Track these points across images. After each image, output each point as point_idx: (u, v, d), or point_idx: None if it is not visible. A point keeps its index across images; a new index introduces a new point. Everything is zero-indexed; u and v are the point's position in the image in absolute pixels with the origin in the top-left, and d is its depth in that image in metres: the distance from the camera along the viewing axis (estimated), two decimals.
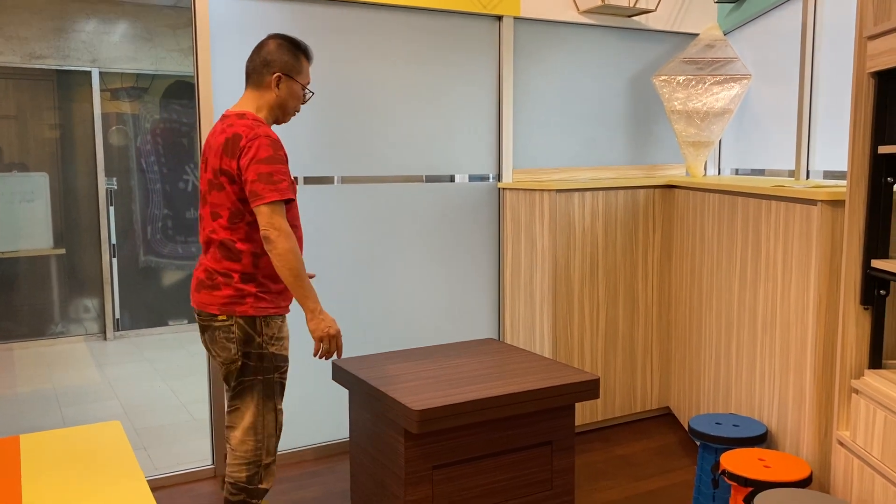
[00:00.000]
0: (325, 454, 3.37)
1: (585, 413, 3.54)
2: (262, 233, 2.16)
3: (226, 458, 2.40)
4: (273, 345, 2.31)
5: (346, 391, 3.40)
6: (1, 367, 5.00)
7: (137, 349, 5.49)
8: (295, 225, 2.33)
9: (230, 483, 2.33)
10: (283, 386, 2.36)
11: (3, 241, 5.44)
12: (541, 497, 2.69)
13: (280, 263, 2.16)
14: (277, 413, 2.35)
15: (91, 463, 2.02)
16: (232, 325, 2.25)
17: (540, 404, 2.54)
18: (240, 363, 2.28)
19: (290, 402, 3.29)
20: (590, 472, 3.17)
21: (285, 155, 2.24)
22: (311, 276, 2.52)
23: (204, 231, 2.32)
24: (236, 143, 2.19)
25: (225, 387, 2.43)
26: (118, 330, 5.83)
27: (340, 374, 2.76)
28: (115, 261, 5.78)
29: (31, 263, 5.56)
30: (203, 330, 2.33)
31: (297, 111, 2.40)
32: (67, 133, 5.60)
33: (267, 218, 2.15)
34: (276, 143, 2.21)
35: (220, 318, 2.25)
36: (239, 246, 2.24)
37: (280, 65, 2.29)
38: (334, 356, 2.36)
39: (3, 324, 5.49)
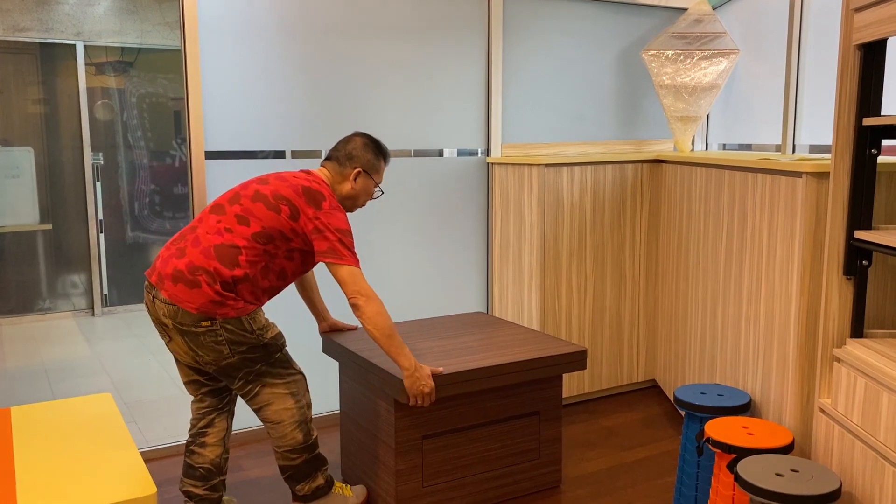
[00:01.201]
0: (315, 425, 3.39)
1: (572, 385, 3.59)
2: (349, 300, 2.25)
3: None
4: (268, 332, 2.32)
5: (336, 364, 3.42)
6: None
7: (126, 325, 5.49)
8: (301, 272, 2.40)
9: (287, 450, 2.39)
10: (287, 353, 2.42)
11: None
12: (528, 466, 2.73)
13: (370, 327, 2.25)
14: (300, 370, 2.42)
15: (83, 434, 2.04)
16: (218, 328, 2.22)
17: (528, 375, 2.57)
18: (236, 359, 2.27)
19: None
20: (576, 442, 3.21)
21: None
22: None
23: (208, 222, 2.27)
24: (319, 199, 2.30)
25: (199, 375, 2.42)
26: (106, 306, 5.82)
27: (331, 347, 2.78)
28: (102, 236, 5.76)
29: (18, 239, 5.52)
30: (182, 334, 2.23)
31: (364, 206, 2.56)
32: (52, 107, 5.55)
33: (352, 286, 2.25)
34: (349, 222, 2.42)
35: (204, 323, 2.20)
36: (242, 259, 2.23)
37: (363, 162, 2.45)
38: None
39: None
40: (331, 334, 2.79)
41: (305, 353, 3.35)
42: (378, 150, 2.50)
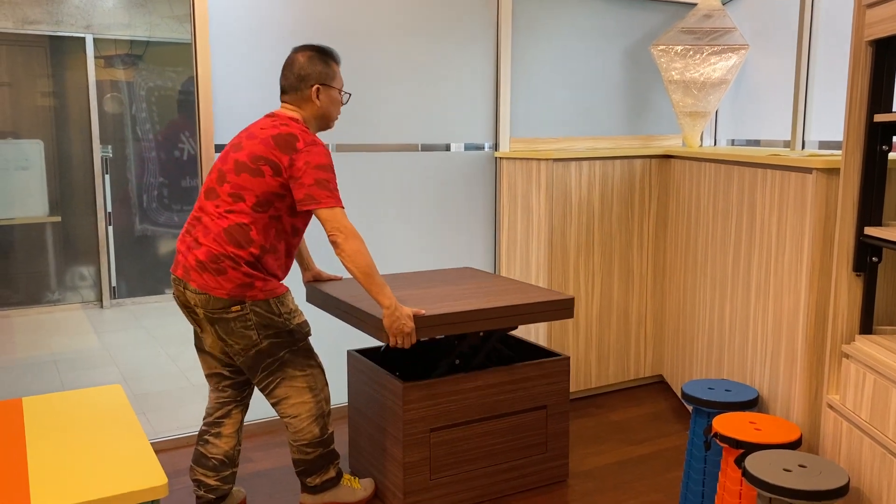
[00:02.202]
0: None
1: (580, 380, 3.59)
2: (329, 237, 2.21)
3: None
4: (295, 318, 2.34)
5: (345, 357, 3.43)
6: None
7: (134, 317, 5.52)
8: (299, 230, 2.37)
9: (303, 444, 2.40)
10: (310, 344, 2.42)
11: None
12: (536, 460, 2.74)
13: (350, 265, 2.21)
14: (320, 364, 2.42)
15: (94, 424, 2.05)
16: (247, 312, 2.25)
17: (513, 321, 2.52)
18: (264, 344, 2.29)
19: None
20: (584, 436, 3.22)
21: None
22: (338, 279, 2.61)
23: (207, 209, 2.27)
24: (291, 142, 2.24)
25: (225, 368, 2.43)
26: (114, 298, 5.85)
27: (314, 295, 2.75)
28: (110, 229, 5.78)
29: (27, 231, 5.55)
30: (212, 322, 2.26)
31: (339, 114, 2.47)
32: (61, 100, 5.56)
33: (331, 222, 2.20)
34: (329, 154, 2.30)
35: (234, 308, 2.23)
36: (253, 234, 2.23)
37: (317, 76, 2.36)
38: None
39: None
40: (314, 283, 2.79)
41: (315, 346, 3.36)
42: (324, 57, 2.39)
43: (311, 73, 2.36)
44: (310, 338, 2.44)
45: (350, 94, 2.56)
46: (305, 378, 2.38)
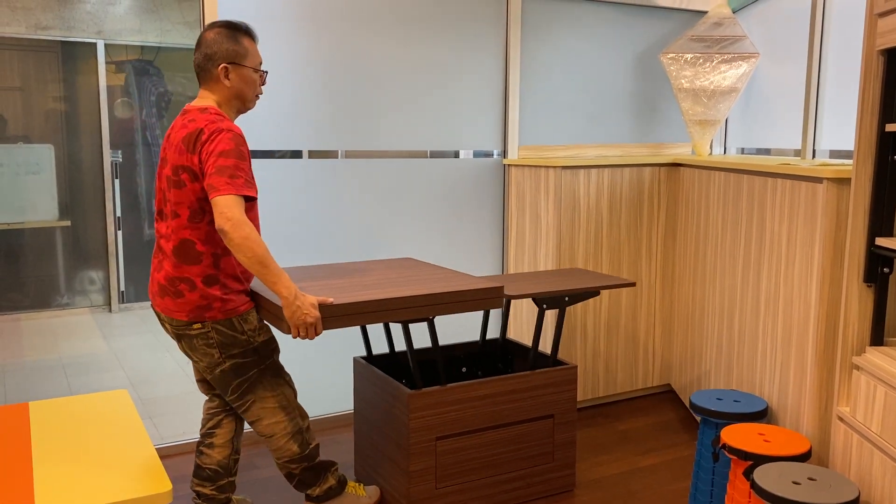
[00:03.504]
0: (329, 425, 3.41)
1: (587, 389, 3.57)
2: (216, 226, 2.05)
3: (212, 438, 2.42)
4: (260, 335, 2.27)
5: (351, 363, 3.42)
6: (7, 338, 5.04)
7: (142, 322, 5.53)
8: (256, 227, 2.24)
9: (286, 461, 2.37)
10: (279, 360, 2.35)
11: (8, 213, 5.46)
12: (543, 469, 2.72)
13: (240, 255, 2.05)
14: (290, 382, 2.37)
15: (100, 429, 2.05)
16: (209, 331, 2.19)
17: (432, 310, 2.34)
18: (227, 364, 2.23)
19: (296, 373, 3.32)
20: (591, 446, 3.20)
21: (248, 151, 2.15)
22: None
23: (160, 230, 2.24)
24: (197, 138, 2.11)
25: (217, 391, 2.40)
26: (123, 302, 5.86)
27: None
28: (120, 233, 5.80)
29: (37, 235, 5.58)
30: (178, 339, 2.25)
31: (260, 94, 2.31)
32: (72, 105, 5.59)
33: (219, 208, 2.04)
34: (239, 138, 2.12)
35: (195, 325, 2.18)
36: (199, 247, 2.16)
37: (223, 55, 2.20)
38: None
39: (9, 295, 5.52)
40: None
41: (319, 352, 3.36)
42: (233, 33, 2.22)
43: (217, 52, 2.19)
44: (278, 354, 2.37)
45: (267, 72, 2.38)
46: (276, 398, 2.31)
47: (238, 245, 2.04)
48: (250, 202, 2.19)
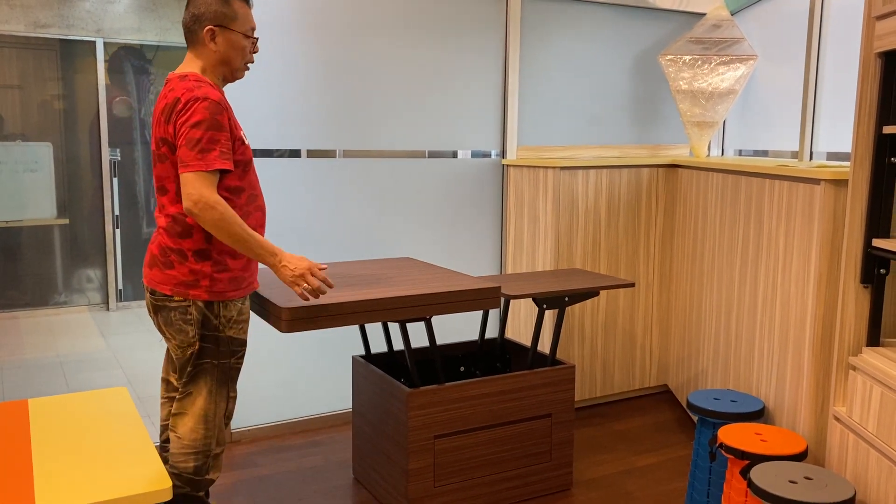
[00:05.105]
0: (327, 424, 3.41)
1: (585, 389, 3.58)
2: (184, 206, 1.96)
3: (164, 443, 2.29)
4: (231, 328, 2.14)
5: (350, 362, 3.43)
6: (6, 335, 5.04)
7: (140, 320, 5.53)
8: (254, 194, 2.14)
9: (174, 474, 2.15)
10: (238, 371, 2.20)
11: (6, 211, 5.45)
12: (540, 468, 2.73)
13: (216, 234, 1.98)
14: (230, 400, 2.20)
15: (99, 427, 2.06)
16: (189, 305, 2.08)
17: (426, 310, 2.34)
18: (198, 347, 2.11)
19: (295, 372, 3.33)
20: (588, 445, 3.21)
21: (226, 120, 2.01)
22: None
23: (159, 203, 2.15)
24: (174, 108, 2.00)
25: (175, 374, 2.27)
26: (121, 301, 5.86)
27: None
28: (118, 232, 5.80)
29: (35, 233, 5.57)
30: (156, 311, 2.14)
31: (250, 62, 2.17)
32: (71, 103, 5.59)
33: (188, 189, 1.94)
34: (215, 106, 1.98)
35: (176, 298, 2.08)
36: (190, 220, 2.06)
37: (211, 16, 2.06)
38: (325, 290, 2.12)
39: (7, 293, 5.52)
40: None
41: (318, 350, 3.37)
42: None
43: (205, 13, 2.06)
44: (239, 365, 2.22)
45: (258, 39, 2.22)
46: (206, 404, 2.14)
47: (212, 225, 1.96)
48: (242, 169, 2.09)
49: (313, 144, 3.26)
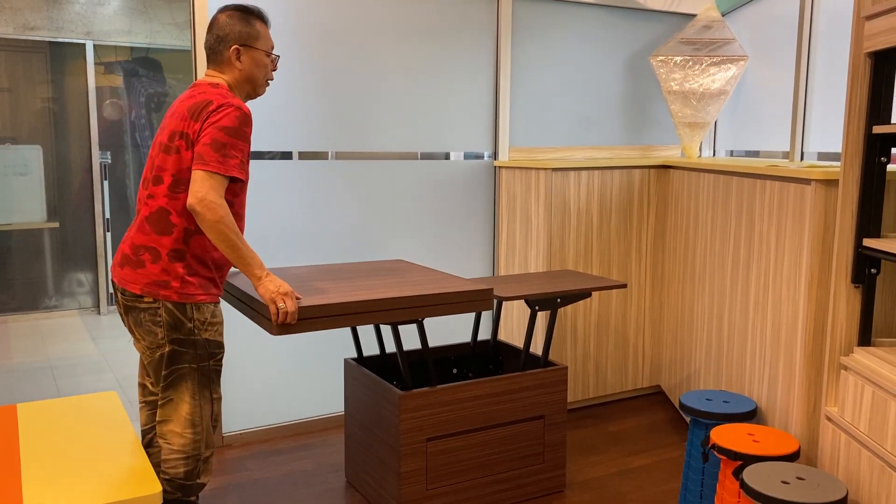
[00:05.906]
0: (319, 427, 3.40)
1: (577, 391, 3.58)
2: (188, 202, 1.99)
3: (149, 446, 2.29)
4: (206, 330, 2.13)
5: (342, 365, 3.42)
6: None
7: None
8: (239, 214, 2.17)
9: (165, 479, 2.15)
10: (219, 373, 2.20)
11: None
12: (533, 470, 2.73)
13: (212, 236, 2.00)
14: (214, 402, 2.20)
15: (89, 431, 2.04)
16: (159, 307, 2.07)
17: (416, 312, 2.31)
18: (167, 349, 2.09)
19: (286, 375, 3.32)
20: (581, 447, 3.21)
21: (250, 135, 2.11)
22: None
23: (140, 196, 2.15)
24: (205, 107, 2.06)
25: (150, 378, 2.26)
26: (111, 305, 5.83)
27: (227, 287, 2.53)
28: (108, 235, 5.77)
29: (25, 237, 5.54)
30: (126, 311, 2.12)
31: (271, 79, 2.28)
32: (61, 106, 5.57)
33: (197, 186, 1.98)
34: (246, 118, 2.07)
35: (146, 299, 2.07)
36: (174, 219, 2.07)
37: (235, 36, 2.18)
38: (294, 319, 2.13)
39: None
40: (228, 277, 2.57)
41: (309, 353, 3.35)
42: (246, 16, 2.20)
43: (229, 34, 2.17)
44: (220, 368, 2.22)
45: (279, 56, 2.33)
46: (192, 409, 2.13)
47: (209, 227, 1.99)
48: (240, 185, 2.13)
49: (305, 146, 3.25)
